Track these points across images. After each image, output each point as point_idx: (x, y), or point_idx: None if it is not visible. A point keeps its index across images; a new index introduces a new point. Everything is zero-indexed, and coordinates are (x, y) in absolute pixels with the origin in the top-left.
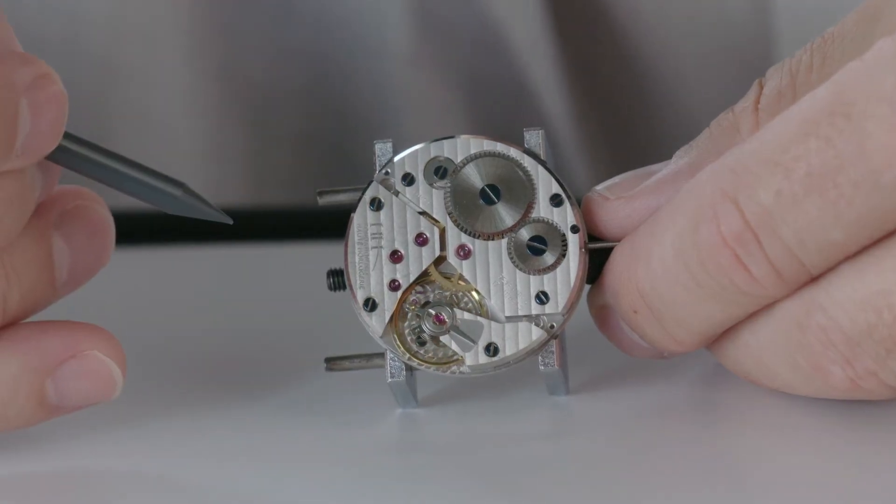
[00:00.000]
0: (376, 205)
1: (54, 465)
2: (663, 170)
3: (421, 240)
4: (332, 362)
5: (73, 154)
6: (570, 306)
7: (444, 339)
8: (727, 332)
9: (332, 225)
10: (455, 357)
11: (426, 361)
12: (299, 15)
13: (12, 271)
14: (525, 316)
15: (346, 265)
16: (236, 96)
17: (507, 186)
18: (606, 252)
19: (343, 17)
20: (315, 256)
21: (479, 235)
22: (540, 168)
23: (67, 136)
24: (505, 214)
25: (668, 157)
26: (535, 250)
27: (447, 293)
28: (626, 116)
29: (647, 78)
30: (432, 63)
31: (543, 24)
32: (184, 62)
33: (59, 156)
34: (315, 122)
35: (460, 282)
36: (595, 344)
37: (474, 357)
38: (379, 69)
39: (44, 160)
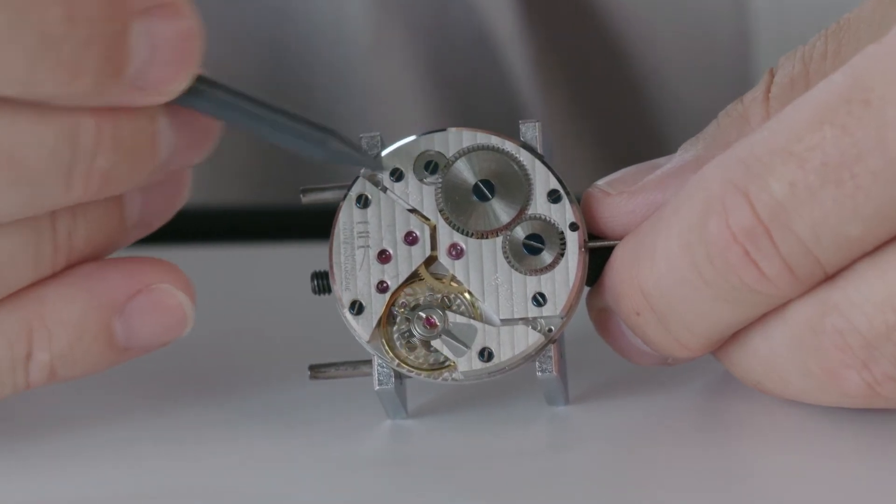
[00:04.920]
0: (363, 202)
1: (35, 474)
2: (668, 163)
3: (410, 239)
4: (316, 370)
5: (212, 99)
6: (569, 309)
7: (435, 343)
8: (735, 336)
9: (314, 224)
10: (447, 363)
11: (416, 368)
12: (256, 1)
13: (79, 206)
14: (521, 319)
15: (331, 266)
16: None
17: (502, 182)
18: (607, 251)
19: (302, 4)
20: (298, 258)
21: (473, 234)
22: (537, 162)
23: (204, 79)
24: (500, 211)
25: (652, 153)
26: (531, 249)
27: (438, 295)
28: (607, 112)
29: (628, 73)
30: (396, 53)
31: (517, 14)
32: None
33: (194, 101)
34: None
35: (452, 283)
36: (596, 350)
37: (467, 363)
38: (340, 58)
39: (187, 118)
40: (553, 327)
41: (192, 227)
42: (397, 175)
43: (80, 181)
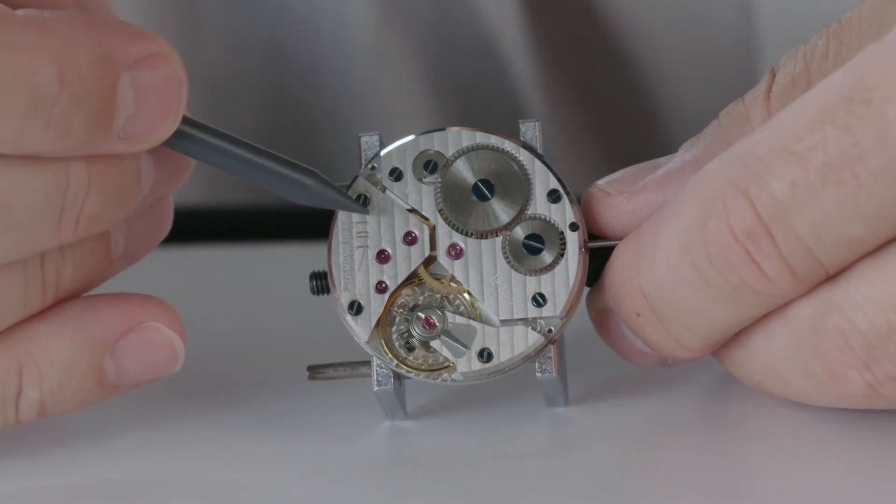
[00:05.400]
0: (362, 201)
1: (24, 478)
2: (669, 163)
3: (409, 238)
4: (314, 371)
5: (196, 141)
6: (569, 309)
7: (434, 344)
8: (736, 337)
9: (313, 224)
10: (446, 363)
11: (415, 368)
12: (258, 3)
13: (67, 244)
14: (521, 319)
15: (330, 266)
16: (192, 87)
17: (502, 181)
18: (608, 251)
19: (304, 5)
20: (297, 258)
21: (472, 234)
22: (537, 162)
23: (189, 122)
24: (499, 211)
25: (656, 155)
26: (531, 249)
27: (438, 295)
28: (611, 114)
29: (632, 75)
30: (398, 56)
31: (520, 16)
32: None
33: (178, 143)
34: (275, 116)
35: (451, 283)
36: (595, 351)
37: (467, 363)
38: (342, 61)
39: (165, 152)
40: (553, 328)
41: (192, 227)
42: (396, 175)
43: (69, 224)
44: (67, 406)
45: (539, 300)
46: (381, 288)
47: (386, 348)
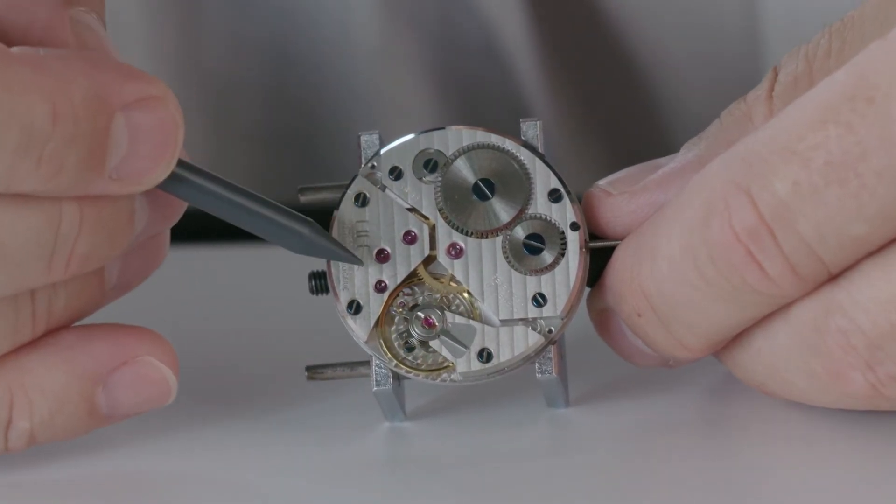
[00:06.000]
0: (361, 200)
1: (25, 474)
2: (670, 163)
3: (409, 238)
4: (313, 371)
5: (190, 185)
6: (570, 309)
7: (433, 344)
8: (738, 337)
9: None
10: (446, 364)
11: (415, 369)
12: (261, 3)
13: (57, 282)
14: (521, 319)
15: (329, 266)
16: (195, 89)
17: (502, 181)
18: (608, 251)
19: (307, 4)
20: (296, 257)
21: (472, 233)
22: (537, 161)
23: (184, 165)
24: (499, 211)
25: (661, 156)
26: (531, 249)
27: (437, 295)
28: (614, 115)
29: (636, 76)
30: (403, 59)
31: (524, 18)
32: (140, 53)
33: (172, 186)
34: (278, 117)
35: (451, 283)
36: (596, 351)
37: (466, 363)
38: (347, 65)
39: (158, 193)
40: (553, 328)
41: (192, 227)
42: (396, 173)
43: (60, 264)
44: (58, 436)
45: (539, 300)
46: (380, 287)
47: (385, 348)
